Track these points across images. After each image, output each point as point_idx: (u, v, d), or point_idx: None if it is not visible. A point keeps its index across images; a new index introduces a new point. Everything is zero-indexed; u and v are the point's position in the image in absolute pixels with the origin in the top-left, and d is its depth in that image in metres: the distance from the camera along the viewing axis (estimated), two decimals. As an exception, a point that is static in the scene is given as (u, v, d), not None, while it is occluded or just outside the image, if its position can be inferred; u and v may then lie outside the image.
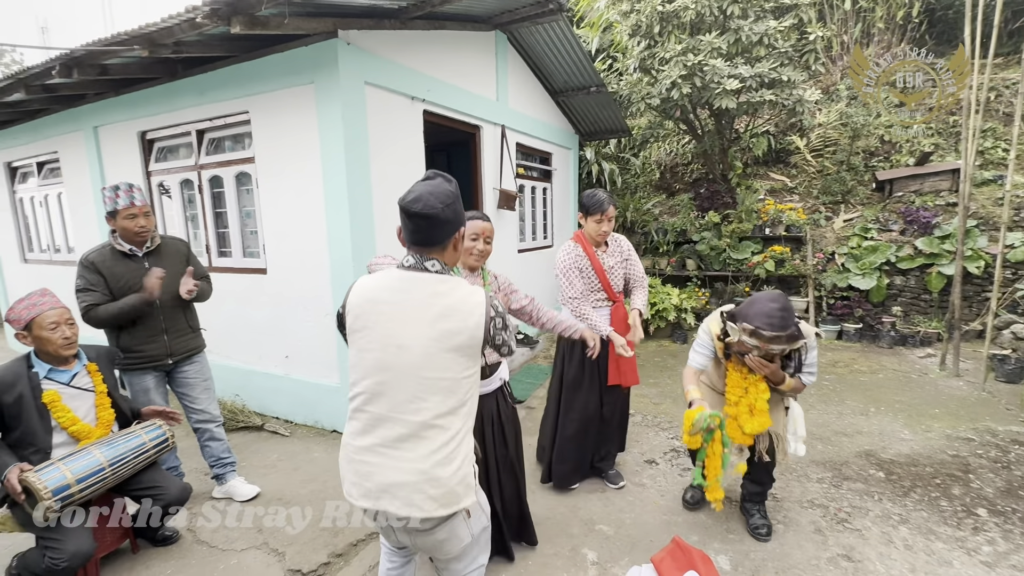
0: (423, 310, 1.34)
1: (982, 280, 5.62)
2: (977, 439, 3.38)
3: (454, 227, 1.42)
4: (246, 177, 3.89)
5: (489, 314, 1.39)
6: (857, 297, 6.14)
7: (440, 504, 1.32)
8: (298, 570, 2.27)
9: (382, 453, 1.34)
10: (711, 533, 2.48)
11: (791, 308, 2.04)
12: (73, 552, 1.97)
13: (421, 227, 1.37)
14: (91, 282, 2.47)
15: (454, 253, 1.47)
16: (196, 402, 2.80)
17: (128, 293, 2.52)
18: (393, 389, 1.34)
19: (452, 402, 1.35)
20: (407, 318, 1.35)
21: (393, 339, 1.34)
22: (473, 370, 1.40)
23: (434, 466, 1.32)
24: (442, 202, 1.36)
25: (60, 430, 2.14)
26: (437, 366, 1.33)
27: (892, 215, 6.43)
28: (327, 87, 3.24)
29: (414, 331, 1.34)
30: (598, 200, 2.58)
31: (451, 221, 1.40)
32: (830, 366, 5.04)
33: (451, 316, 1.34)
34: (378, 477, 1.34)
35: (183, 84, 3.88)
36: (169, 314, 2.65)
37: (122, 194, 2.51)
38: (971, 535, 2.41)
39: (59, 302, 2.21)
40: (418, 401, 1.33)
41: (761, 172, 7.74)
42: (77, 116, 4.68)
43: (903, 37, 8.13)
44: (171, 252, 2.72)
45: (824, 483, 2.90)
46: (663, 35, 6.04)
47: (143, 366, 2.61)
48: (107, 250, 2.56)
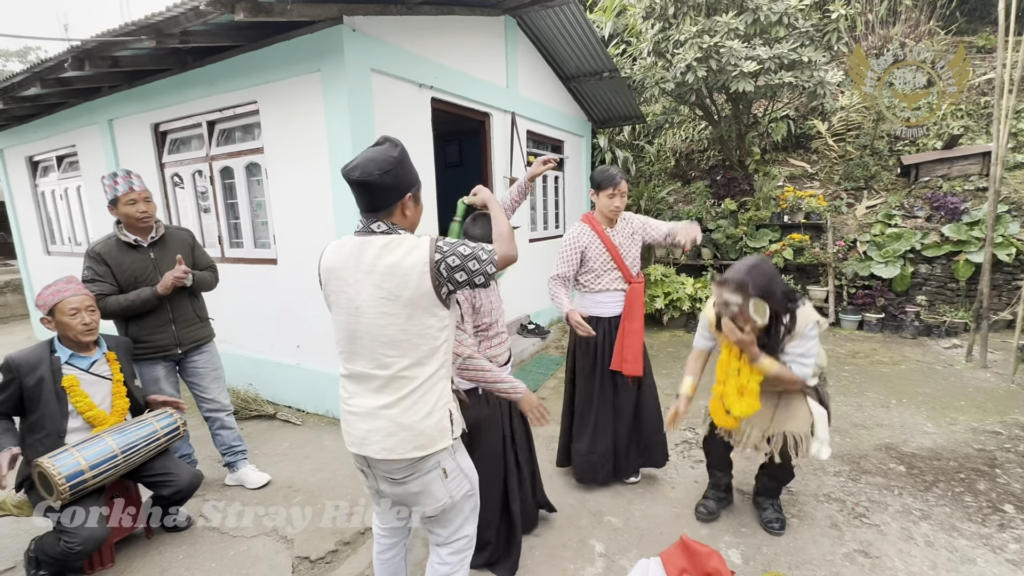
0: (370, 272, 1.38)
1: (1013, 268, 5.40)
2: (1005, 432, 3.25)
3: (398, 192, 1.42)
4: (256, 168, 3.90)
5: (433, 259, 1.36)
6: (879, 286, 5.95)
7: (414, 446, 1.41)
8: (306, 557, 2.29)
9: (360, 404, 1.45)
10: (722, 527, 2.43)
11: (766, 272, 2.00)
12: (87, 536, 2.01)
13: (363, 193, 1.40)
14: (98, 273, 2.50)
15: (403, 217, 1.47)
16: (206, 391, 2.83)
17: (134, 284, 2.54)
18: (361, 348, 1.42)
19: (418, 354, 1.41)
20: (358, 281, 1.40)
21: (352, 302, 1.41)
22: (435, 321, 1.41)
23: (403, 412, 1.40)
24: (380, 168, 1.37)
25: (76, 415, 2.18)
26: (392, 324, 1.38)
27: (918, 201, 6.20)
28: (333, 75, 3.21)
29: (366, 293, 1.39)
30: (609, 174, 2.52)
31: (392, 187, 1.40)
32: (850, 357, 4.90)
33: (394, 273, 1.36)
34: (359, 424, 1.45)
35: (193, 75, 3.90)
36: (176, 304, 2.67)
37: (120, 180, 2.51)
38: (997, 532, 2.32)
39: (83, 289, 2.25)
40: (381, 357, 1.40)
41: (780, 158, 7.53)
42: (93, 109, 4.75)
43: (932, 15, 7.78)
44: (176, 242, 2.74)
45: (841, 476, 2.82)
46: (678, 17, 5.86)
47: (152, 356, 2.64)
48: (112, 241, 2.58)
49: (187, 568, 2.26)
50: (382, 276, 1.37)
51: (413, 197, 1.48)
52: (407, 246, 1.39)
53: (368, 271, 1.38)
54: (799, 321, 2.06)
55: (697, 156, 8.28)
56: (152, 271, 2.60)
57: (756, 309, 1.97)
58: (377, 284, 1.37)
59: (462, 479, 1.54)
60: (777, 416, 2.23)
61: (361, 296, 1.39)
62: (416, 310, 1.37)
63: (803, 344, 2.06)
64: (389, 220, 1.43)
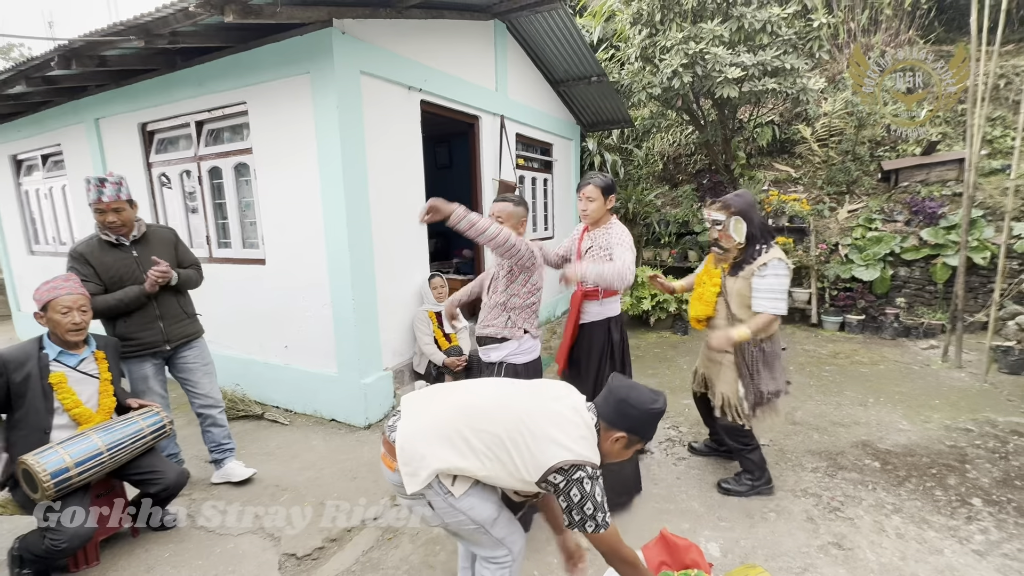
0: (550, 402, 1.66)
1: (988, 271, 5.55)
2: (976, 430, 3.36)
3: (626, 425, 1.59)
4: (244, 168, 3.91)
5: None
6: (860, 288, 6.09)
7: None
8: (292, 554, 2.31)
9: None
10: (702, 521, 2.49)
11: (748, 199, 2.48)
12: (73, 534, 2.02)
13: (606, 399, 1.62)
14: (82, 273, 2.50)
15: (610, 445, 1.62)
16: (198, 386, 2.85)
17: (118, 282, 2.56)
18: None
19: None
20: (533, 393, 1.72)
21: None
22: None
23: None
24: (635, 403, 1.58)
25: (62, 412, 2.19)
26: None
27: (897, 205, 6.36)
28: (322, 77, 3.24)
29: (527, 402, 1.65)
30: (584, 179, 2.67)
31: (629, 419, 1.58)
32: (831, 357, 5.01)
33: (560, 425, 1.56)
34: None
35: (182, 75, 3.90)
36: (163, 301, 2.69)
37: (92, 188, 2.49)
38: (964, 524, 2.41)
39: (79, 288, 2.26)
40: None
41: (765, 162, 7.67)
42: (79, 108, 4.72)
43: (911, 24, 7.98)
44: (158, 240, 2.75)
45: (819, 472, 2.90)
46: (664, 23, 5.96)
47: (140, 353, 2.65)
48: (94, 241, 2.59)
49: (173, 566, 2.27)
50: (556, 411, 1.61)
51: (625, 441, 1.60)
52: (578, 433, 1.55)
53: (550, 399, 1.66)
54: (766, 255, 2.42)
55: (684, 160, 8.40)
56: (136, 269, 2.62)
57: (735, 228, 2.44)
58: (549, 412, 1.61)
59: (456, 514, 1.57)
60: (720, 377, 2.65)
61: (522, 400, 1.64)
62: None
63: (764, 280, 2.38)
64: (601, 428, 1.61)
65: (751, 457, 2.66)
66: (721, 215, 2.45)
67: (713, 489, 2.75)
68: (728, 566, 2.17)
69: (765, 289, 2.38)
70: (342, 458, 3.16)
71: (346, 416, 3.68)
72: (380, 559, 2.27)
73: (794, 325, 6.22)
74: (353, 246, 3.42)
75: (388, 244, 3.80)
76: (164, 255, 2.69)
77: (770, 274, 2.36)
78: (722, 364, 2.63)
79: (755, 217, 2.46)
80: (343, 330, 3.55)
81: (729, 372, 2.59)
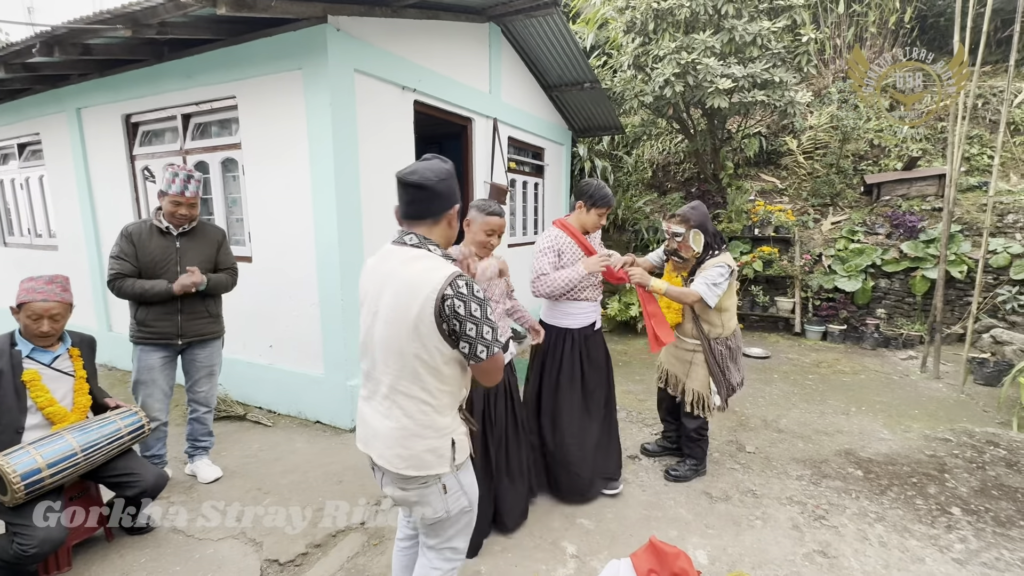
0: (391, 282, 1.39)
1: (965, 284, 5.71)
2: (954, 440, 3.43)
3: (447, 202, 1.46)
4: (232, 163, 3.84)
5: (444, 291, 1.30)
6: (842, 299, 6.21)
7: (408, 464, 1.41)
8: (275, 559, 2.25)
9: (371, 405, 1.49)
10: (690, 528, 2.49)
11: (703, 212, 2.71)
12: (43, 538, 1.94)
13: (415, 197, 1.42)
14: (124, 251, 2.59)
15: (447, 230, 1.50)
16: (197, 384, 2.88)
17: (153, 268, 2.63)
18: (373, 352, 1.45)
19: (417, 373, 1.37)
20: (381, 288, 1.42)
21: (372, 306, 1.45)
22: (437, 350, 1.35)
23: (403, 434, 1.40)
24: (436, 175, 1.41)
25: (35, 411, 2.11)
26: (397, 335, 1.37)
27: (879, 218, 6.50)
28: (315, 73, 3.20)
29: (384, 300, 1.41)
30: (606, 195, 2.54)
31: (444, 194, 1.43)
32: (814, 366, 5.09)
33: (408, 290, 1.35)
34: (369, 424, 1.48)
35: (169, 67, 3.81)
36: (187, 297, 2.70)
37: (178, 181, 2.59)
38: (944, 533, 2.45)
39: (58, 295, 2.14)
40: (384, 365, 1.42)
41: (752, 173, 7.79)
42: (60, 97, 4.58)
43: (895, 42, 8.20)
44: (205, 237, 2.81)
45: (803, 480, 2.93)
46: (657, 32, 6.03)
47: (152, 341, 2.68)
48: (146, 225, 2.68)
49: (149, 572, 2.19)
50: (399, 285, 1.36)
51: (458, 212, 1.51)
52: (429, 264, 1.37)
53: (390, 279, 1.39)
54: (717, 258, 2.66)
55: (673, 168, 8.49)
56: (174, 259, 2.67)
57: (694, 239, 2.66)
58: (395, 292, 1.37)
59: (460, 496, 1.51)
60: (691, 376, 2.82)
61: (380, 301, 1.41)
62: (419, 330, 1.33)
63: (709, 274, 2.60)
64: (425, 233, 1.44)
65: (701, 446, 2.93)
66: (680, 228, 2.68)
67: (702, 496, 2.76)
68: (716, 574, 2.17)
69: (705, 276, 2.62)
70: (327, 461, 3.10)
71: (331, 418, 3.61)
72: (365, 565, 2.23)
73: (778, 334, 6.32)
74: (343, 245, 3.37)
75: (378, 244, 3.74)
76: (207, 252, 2.78)
77: (714, 270, 2.62)
78: (692, 363, 2.82)
79: (709, 227, 2.72)
80: (331, 330, 3.50)
81: (701, 370, 2.79)
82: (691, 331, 2.81)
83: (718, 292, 2.62)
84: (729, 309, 2.78)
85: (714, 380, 2.78)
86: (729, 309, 2.78)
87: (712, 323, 2.74)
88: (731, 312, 2.79)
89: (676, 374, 2.92)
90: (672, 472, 2.93)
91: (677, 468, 2.95)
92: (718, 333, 2.76)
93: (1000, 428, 3.60)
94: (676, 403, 2.98)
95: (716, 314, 2.73)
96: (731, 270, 2.64)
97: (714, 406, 2.81)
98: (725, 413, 3.26)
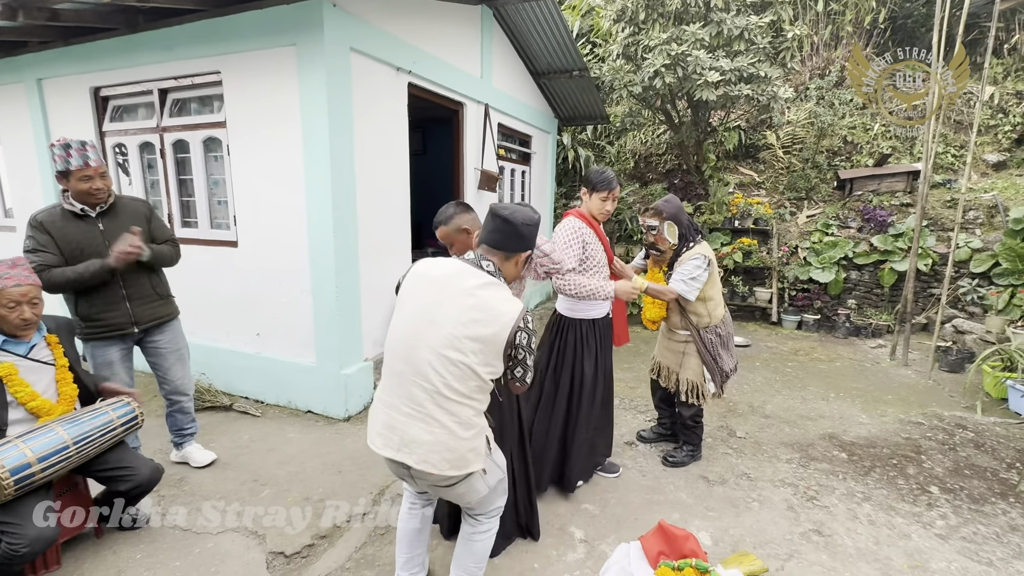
0: (463, 297, 1.49)
1: (928, 277, 6.01)
2: (926, 423, 3.64)
3: (523, 245, 1.63)
4: (215, 143, 3.65)
5: (519, 323, 1.49)
6: (817, 289, 6.45)
7: (452, 466, 1.50)
8: (280, 552, 2.20)
9: (407, 412, 1.51)
10: (692, 511, 2.57)
11: (676, 204, 2.74)
12: (35, 537, 1.83)
13: (501, 229, 1.59)
14: (40, 243, 2.31)
15: (514, 268, 1.67)
16: (169, 372, 2.69)
17: (80, 256, 2.35)
18: (418, 358, 1.49)
19: (468, 385, 1.50)
20: (445, 299, 1.51)
21: (428, 313, 1.51)
22: (488, 370, 1.50)
23: (448, 436, 1.49)
24: (523, 220, 1.60)
25: (17, 406, 1.97)
26: (457, 348, 1.47)
27: (851, 213, 6.76)
28: (310, 50, 3.06)
29: (448, 312, 1.49)
30: (607, 177, 2.49)
31: (524, 237, 1.62)
32: (792, 354, 5.29)
33: (484, 311, 1.48)
34: (403, 431, 1.51)
35: (145, 37, 3.58)
36: (131, 280, 2.48)
37: (75, 153, 2.31)
38: (926, 510, 2.60)
39: (27, 278, 2.00)
40: (436, 374, 1.48)
41: (731, 166, 7.95)
42: (17, 66, 4.25)
43: (869, 41, 8.47)
44: (128, 212, 2.52)
45: (793, 463, 3.05)
46: (648, 22, 6.04)
47: (105, 335, 2.46)
48: (57, 210, 2.39)
49: (147, 568, 2.11)
50: (474, 304, 1.48)
51: (527, 257, 1.69)
52: (506, 295, 1.54)
53: (461, 295, 1.50)
54: (692, 250, 2.72)
55: (656, 159, 8.59)
56: (101, 242, 2.40)
57: (669, 231, 2.72)
58: (466, 308, 1.48)
59: (495, 470, 1.68)
60: (684, 365, 2.89)
61: (443, 310, 1.49)
62: (480, 348, 1.47)
63: (685, 268, 2.68)
64: (498, 263, 1.60)
65: (697, 432, 3.01)
66: (655, 221, 2.73)
67: (700, 480, 2.84)
68: (721, 554, 2.25)
69: (681, 271, 2.70)
70: (324, 451, 3.03)
71: (324, 408, 3.53)
72: (375, 555, 2.20)
73: (756, 323, 6.52)
74: (338, 231, 3.27)
75: (372, 230, 3.67)
76: (138, 229, 2.46)
77: (689, 263, 2.69)
78: (684, 353, 2.88)
79: (683, 219, 2.77)
80: (324, 318, 3.40)
81: (694, 360, 2.86)
82: (680, 323, 2.87)
83: (696, 285, 2.69)
84: (714, 298, 2.81)
85: (707, 368, 2.85)
86: (714, 298, 2.81)
87: (699, 313, 2.81)
88: (716, 300, 2.83)
89: (669, 365, 2.98)
90: (670, 458, 3.00)
91: (674, 454, 3.02)
92: (706, 323, 2.82)
93: (966, 412, 3.84)
94: (670, 392, 3.04)
95: (701, 304, 2.79)
96: (707, 260, 2.70)
97: (709, 393, 2.88)
98: (716, 400, 3.35)
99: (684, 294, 2.68)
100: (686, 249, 2.75)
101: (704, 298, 2.78)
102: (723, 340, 2.88)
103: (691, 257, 2.69)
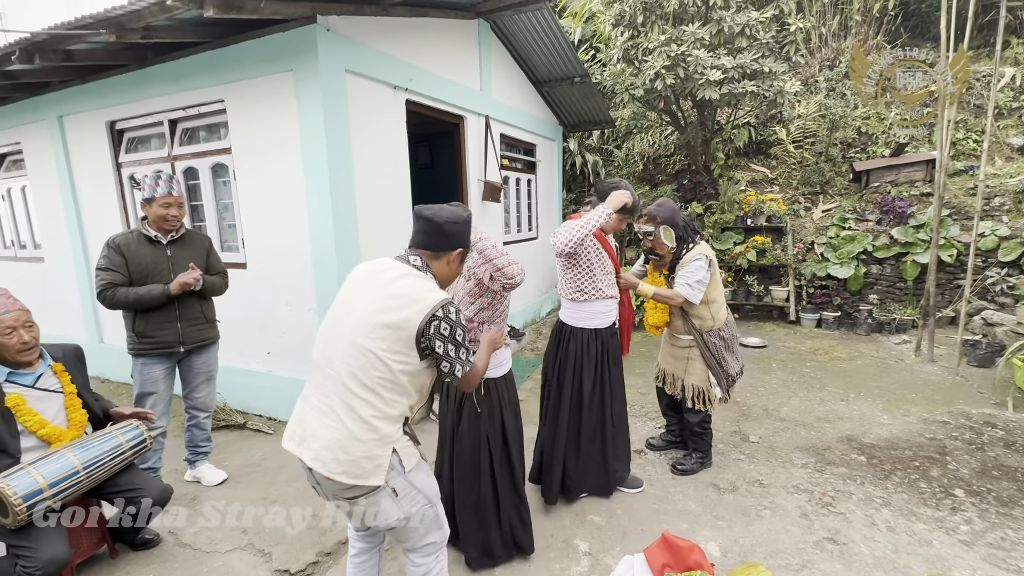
0: (381, 287, 1.48)
1: (954, 268, 5.79)
2: (952, 422, 3.48)
3: (450, 243, 1.59)
4: (222, 169, 3.77)
5: (436, 312, 1.43)
6: (835, 286, 6.27)
7: (344, 470, 1.40)
8: (286, 570, 2.22)
9: (315, 404, 1.48)
10: (700, 521, 2.50)
11: (669, 206, 2.73)
12: (48, 559, 1.89)
13: (424, 229, 1.57)
14: (113, 263, 2.55)
15: (447, 268, 1.62)
16: (196, 391, 2.89)
17: (146, 278, 2.61)
18: (331, 347, 1.48)
19: (374, 376, 1.41)
20: (365, 291, 1.50)
21: (346, 305, 1.51)
22: (397, 359, 1.42)
23: (344, 435, 1.41)
24: (447, 217, 1.57)
25: (28, 434, 2.04)
26: (367, 335, 1.42)
27: (869, 205, 6.57)
28: (306, 75, 3.14)
29: (365, 300, 1.47)
30: (603, 189, 2.50)
31: (450, 235, 1.58)
32: (811, 354, 5.14)
33: (399, 297, 1.45)
34: (306, 422, 1.48)
35: (154, 71, 3.73)
36: (184, 303, 2.71)
37: (162, 183, 2.60)
38: (949, 515, 2.48)
39: (15, 304, 2.07)
40: (342, 363, 1.44)
41: (742, 163, 7.82)
42: (40, 105, 4.47)
43: (879, 30, 8.26)
44: (193, 244, 2.81)
45: (808, 468, 2.96)
46: (646, 25, 6.02)
47: (155, 352, 2.66)
48: (134, 235, 2.65)
49: (157, 588, 2.16)
50: (390, 292, 1.46)
51: (459, 256, 1.63)
52: (427, 285, 1.50)
53: (381, 284, 1.48)
54: (692, 251, 2.68)
55: (664, 160, 8.51)
56: (166, 268, 2.66)
57: (665, 235, 2.71)
58: (382, 296, 1.46)
59: (415, 495, 1.53)
60: (689, 371, 2.84)
61: (360, 300, 1.48)
62: (392, 335, 1.41)
63: (687, 271, 2.64)
64: (428, 261, 1.58)
65: (706, 439, 2.95)
66: (650, 227, 2.73)
67: (709, 488, 2.77)
68: (729, 565, 2.18)
69: (684, 274, 2.67)
70: (332, 467, 3.07)
71: (333, 424, 3.57)
72: (378, 572, 2.21)
73: (774, 322, 6.37)
74: (340, 249, 3.33)
75: (374, 248, 3.72)
76: (197, 259, 2.76)
77: (691, 265, 2.65)
78: (689, 359, 2.85)
79: (679, 221, 2.74)
80: (330, 335, 3.45)
81: (698, 365, 2.82)
82: (683, 327, 2.83)
83: (701, 288, 2.65)
84: (717, 300, 2.77)
85: (712, 373, 2.80)
86: (717, 300, 2.77)
87: (702, 317, 2.76)
88: (719, 303, 2.79)
89: (674, 372, 2.94)
90: (679, 466, 2.94)
91: (683, 461, 2.96)
92: (710, 326, 2.77)
93: (996, 409, 3.66)
94: (676, 399, 2.99)
95: (704, 307, 2.75)
96: (709, 260, 2.66)
97: (716, 398, 2.83)
98: (727, 404, 3.32)
99: (689, 298, 2.65)
100: (686, 251, 2.72)
101: (707, 301, 2.74)
102: (727, 343, 2.83)
103: (693, 259, 2.65)
